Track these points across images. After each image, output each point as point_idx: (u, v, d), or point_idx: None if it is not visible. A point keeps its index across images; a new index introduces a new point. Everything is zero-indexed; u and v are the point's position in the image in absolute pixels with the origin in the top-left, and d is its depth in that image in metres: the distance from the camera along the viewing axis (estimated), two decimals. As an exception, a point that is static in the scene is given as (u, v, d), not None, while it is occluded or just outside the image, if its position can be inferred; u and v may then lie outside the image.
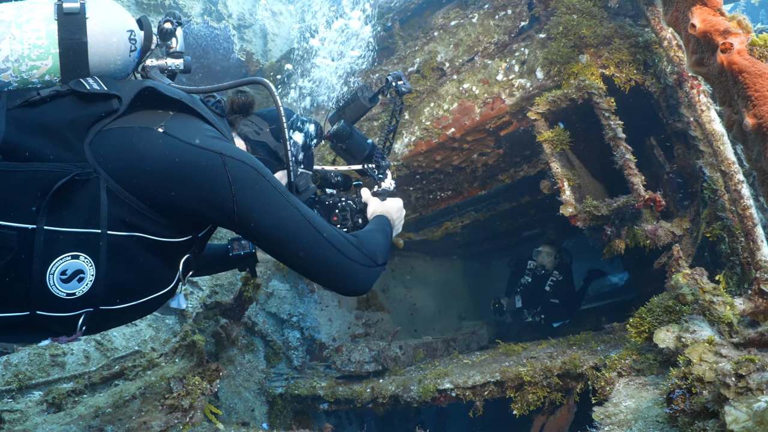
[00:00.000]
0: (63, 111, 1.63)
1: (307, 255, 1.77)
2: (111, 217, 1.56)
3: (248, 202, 1.68)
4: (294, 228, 1.74)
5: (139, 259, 1.67)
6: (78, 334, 1.69)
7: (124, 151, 1.59)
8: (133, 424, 2.76)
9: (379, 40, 5.04)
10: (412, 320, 6.84)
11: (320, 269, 1.81)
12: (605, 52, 3.62)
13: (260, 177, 1.72)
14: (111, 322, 1.84)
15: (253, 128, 2.11)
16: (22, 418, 3.21)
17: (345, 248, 1.82)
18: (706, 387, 1.92)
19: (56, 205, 1.50)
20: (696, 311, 2.86)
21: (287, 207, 1.75)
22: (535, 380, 3.59)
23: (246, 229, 1.75)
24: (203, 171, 1.63)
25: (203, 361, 3.20)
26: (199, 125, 1.77)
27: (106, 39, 1.75)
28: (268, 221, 1.72)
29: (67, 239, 1.52)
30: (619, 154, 3.39)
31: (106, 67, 1.78)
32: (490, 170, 5.01)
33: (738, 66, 1.86)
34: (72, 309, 1.59)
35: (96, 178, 1.54)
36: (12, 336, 1.70)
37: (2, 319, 1.55)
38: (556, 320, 6.53)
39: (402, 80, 2.60)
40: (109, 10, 1.81)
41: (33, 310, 1.55)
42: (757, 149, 1.96)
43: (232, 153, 1.69)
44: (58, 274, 1.52)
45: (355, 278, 1.86)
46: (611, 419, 2.43)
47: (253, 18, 7.40)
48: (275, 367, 5.29)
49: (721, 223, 3.40)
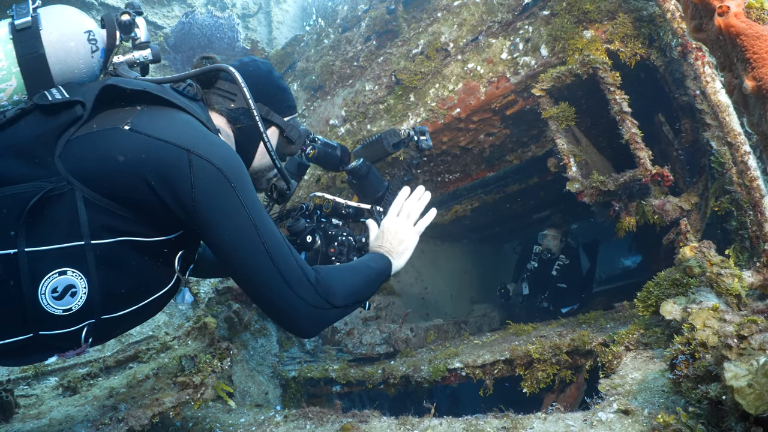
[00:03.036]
0: (29, 128, 1.59)
1: (253, 282, 1.66)
2: (92, 225, 1.52)
3: (207, 208, 1.58)
4: (246, 249, 1.61)
5: (131, 263, 1.63)
6: (84, 346, 1.67)
7: (93, 156, 1.54)
8: (146, 401, 2.82)
9: (383, 23, 5.03)
10: (424, 304, 6.87)
11: (264, 301, 1.69)
12: (609, 26, 3.59)
13: (226, 183, 1.59)
14: (117, 330, 1.80)
15: (227, 96, 2.00)
16: (37, 402, 3.29)
17: (296, 284, 1.66)
18: (709, 351, 1.92)
19: (34, 224, 1.48)
20: (703, 284, 2.85)
21: (245, 223, 1.61)
22: (544, 357, 3.59)
23: (202, 234, 1.65)
24: (168, 167, 1.56)
25: (214, 341, 3.26)
26: (171, 115, 1.68)
27: (63, 45, 1.72)
28: (222, 234, 1.61)
29: (52, 256, 1.49)
30: (625, 128, 3.37)
31: (70, 73, 1.75)
32: (497, 151, 5.00)
33: (735, 29, 1.84)
34: (73, 323, 1.57)
35: (71, 190, 1.50)
36: (19, 359, 1.66)
37: (7, 345, 1.54)
38: (564, 305, 6.50)
39: (425, 136, 2.66)
40: (63, 15, 1.78)
41: (35, 331, 1.53)
42: (758, 113, 1.94)
43: (201, 151, 1.58)
44: (49, 293, 1.50)
45: (298, 318, 1.71)
46: (617, 390, 2.44)
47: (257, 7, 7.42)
48: (288, 351, 5.36)
49: (729, 196, 3.37)
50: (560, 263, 6.70)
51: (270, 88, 2.12)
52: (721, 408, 1.64)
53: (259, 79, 2.06)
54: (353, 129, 5.06)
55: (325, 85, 5.55)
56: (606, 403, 2.29)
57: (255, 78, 2.04)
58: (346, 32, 5.53)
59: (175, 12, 6.55)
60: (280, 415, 3.38)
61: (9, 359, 1.64)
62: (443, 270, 7.48)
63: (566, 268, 6.69)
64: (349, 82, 5.24)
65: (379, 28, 5.09)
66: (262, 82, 2.07)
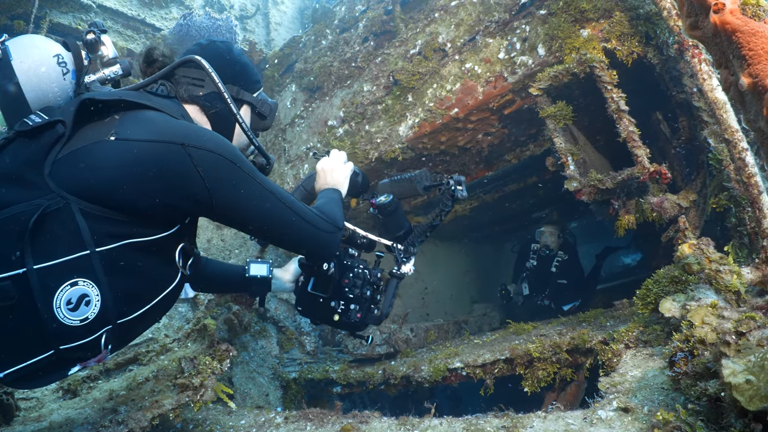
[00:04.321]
0: (15, 155, 1.64)
1: (288, 233, 1.91)
2: (94, 234, 1.56)
3: (225, 193, 1.70)
4: (272, 211, 1.83)
5: (136, 263, 1.68)
6: (105, 353, 1.70)
7: (84, 171, 1.58)
8: (145, 403, 2.82)
9: (380, 24, 5.04)
10: (424, 304, 6.87)
11: (300, 243, 1.99)
12: (606, 25, 3.59)
13: (231, 165, 1.71)
14: (133, 332, 1.86)
15: (194, 84, 2.02)
16: (38, 405, 3.29)
17: (316, 221, 1.96)
18: (708, 348, 1.92)
19: (38, 242, 1.51)
20: (702, 281, 2.85)
21: (262, 191, 1.80)
22: (544, 356, 3.59)
23: (225, 219, 1.79)
24: (169, 165, 1.61)
25: (214, 343, 3.26)
26: (150, 116, 1.74)
27: (35, 72, 1.78)
28: (248, 208, 1.77)
29: (60, 269, 1.52)
30: (623, 126, 3.37)
31: (45, 98, 1.80)
32: (496, 150, 5.00)
33: (731, 26, 1.84)
34: (92, 332, 1.61)
35: (66, 204, 1.54)
36: (44, 378, 1.68)
37: (31, 366, 1.55)
38: (565, 302, 6.48)
39: (461, 186, 2.67)
40: (30, 43, 1.83)
41: (56, 347, 1.56)
42: (755, 109, 1.94)
43: (195, 141, 1.66)
44: (64, 305, 1.52)
45: (327, 245, 2.04)
46: (617, 388, 2.44)
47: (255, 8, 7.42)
48: (288, 352, 5.36)
49: (728, 193, 3.37)
50: (559, 259, 6.68)
51: (235, 67, 2.14)
52: (720, 405, 1.64)
53: (222, 60, 2.08)
54: (351, 130, 5.06)
55: (324, 86, 5.54)
56: (606, 401, 2.29)
57: (218, 60, 2.06)
58: (344, 33, 5.53)
59: (173, 14, 6.55)
60: (280, 416, 3.37)
61: (34, 380, 1.66)
62: (443, 270, 7.48)
63: (565, 263, 6.67)
64: (347, 83, 5.24)
65: (376, 28, 5.09)
66: (225, 62, 2.10)
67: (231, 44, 2.22)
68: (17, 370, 1.54)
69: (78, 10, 5.69)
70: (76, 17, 5.66)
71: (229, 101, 1.96)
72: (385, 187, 2.78)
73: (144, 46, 5.64)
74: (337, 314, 2.50)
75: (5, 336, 1.51)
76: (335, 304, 2.50)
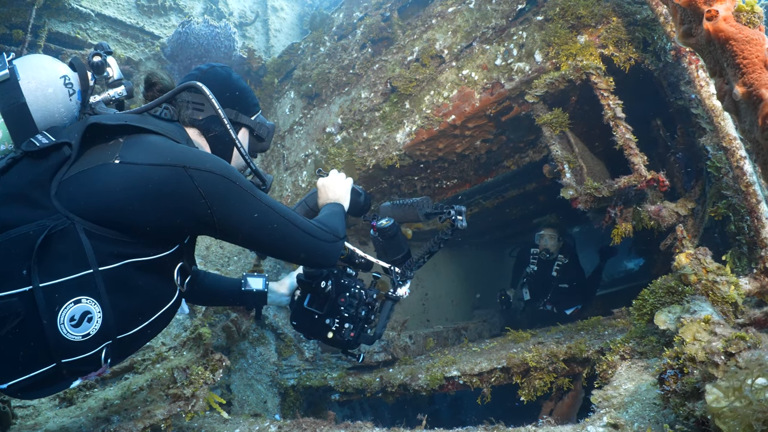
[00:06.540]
0: (22, 174, 1.69)
1: (289, 246, 1.96)
2: (98, 254, 1.62)
3: (226, 212, 1.77)
4: (273, 226, 1.88)
5: (137, 282, 1.73)
6: (105, 367, 1.76)
7: (89, 193, 1.64)
8: (137, 413, 2.82)
9: (378, 31, 5.02)
10: (424, 310, 6.84)
11: (302, 254, 2.02)
12: (603, 31, 3.56)
13: (231, 184, 1.77)
14: (132, 346, 1.91)
15: (195, 108, 2.09)
16: (34, 413, 3.29)
17: (316, 232, 2.02)
18: (698, 367, 1.88)
19: (44, 260, 1.56)
20: (699, 291, 2.81)
21: (262, 207, 1.85)
22: (540, 365, 3.56)
23: (228, 236, 1.85)
24: (172, 188, 1.68)
25: (208, 353, 3.25)
26: (154, 140, 1.80)
27: (43, 92, 1.82)
28: (249, 225, 1.83)
29: (65, 288, 1.58)
30: (619, 134, 3.34)
31: (51, 118, 1.85)
32: (494, 157, 4.98)
33: (724, 33, 1.80)
34: (93, 347, 1.67)
35: (72, 225, 1.59)
36: (46, 389, 1.75)
37: (33, 378, 1.62)
38: (568, 307, 6.42)
39: (462, 216, 2.75)
40: (38, 64, 1.87)
41: (58, 360, 1.62)
42: (750, 119, 1.90)
43: (196, 164, 1.72)
44: (68, 322, 1.58)
45: (328, 254, 2.09)
46: (609, 402, 2.40)
47: (254, 15, 7.42)
48: (287, 359, 5.34)
49: (726, 201, 3.33)
50: (560, 263, 6.60)
51: (233, 91, 2.20)
52: (706, 429, 1.61)
53: (222, 85, 2.16)
54: (349, 137, 5.05)
55: (322, 93, 5.54)
56: (596, 416, 2.25)
57: (217, 84, 2.13)
58: (342, 40, 5.52)
59: (172, 22, 6.57)
60: (274, 425, 3.36)
61: (36, 391, 1.73)
62: (444, 276, 7.45)
63: (566, 267, 6.59)
64: (345, 90, 5.23)
65: (374, 35, 5.08)
66: (224, 87, 2.17)
67: (230, 69, 2.30)
68: (20, 381, 1.60)
69: (77, 19, 5.71)
70: (74, 26, 5.69)
71: (228, 125, 2.01)
72: (387, 210, 2.84)
73: (143, 54, 5.66)
74: (332, 332, 2.53)
75: (10, 349, 1.56)
76: (330, 322, 2.53)
